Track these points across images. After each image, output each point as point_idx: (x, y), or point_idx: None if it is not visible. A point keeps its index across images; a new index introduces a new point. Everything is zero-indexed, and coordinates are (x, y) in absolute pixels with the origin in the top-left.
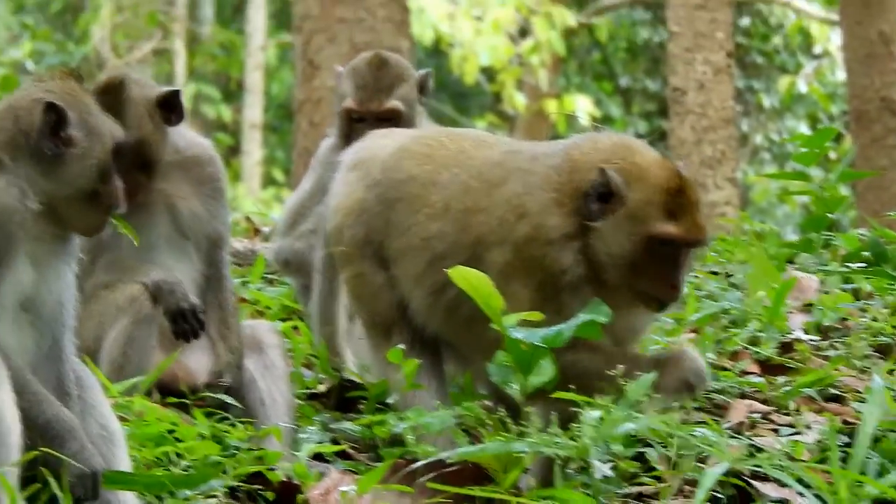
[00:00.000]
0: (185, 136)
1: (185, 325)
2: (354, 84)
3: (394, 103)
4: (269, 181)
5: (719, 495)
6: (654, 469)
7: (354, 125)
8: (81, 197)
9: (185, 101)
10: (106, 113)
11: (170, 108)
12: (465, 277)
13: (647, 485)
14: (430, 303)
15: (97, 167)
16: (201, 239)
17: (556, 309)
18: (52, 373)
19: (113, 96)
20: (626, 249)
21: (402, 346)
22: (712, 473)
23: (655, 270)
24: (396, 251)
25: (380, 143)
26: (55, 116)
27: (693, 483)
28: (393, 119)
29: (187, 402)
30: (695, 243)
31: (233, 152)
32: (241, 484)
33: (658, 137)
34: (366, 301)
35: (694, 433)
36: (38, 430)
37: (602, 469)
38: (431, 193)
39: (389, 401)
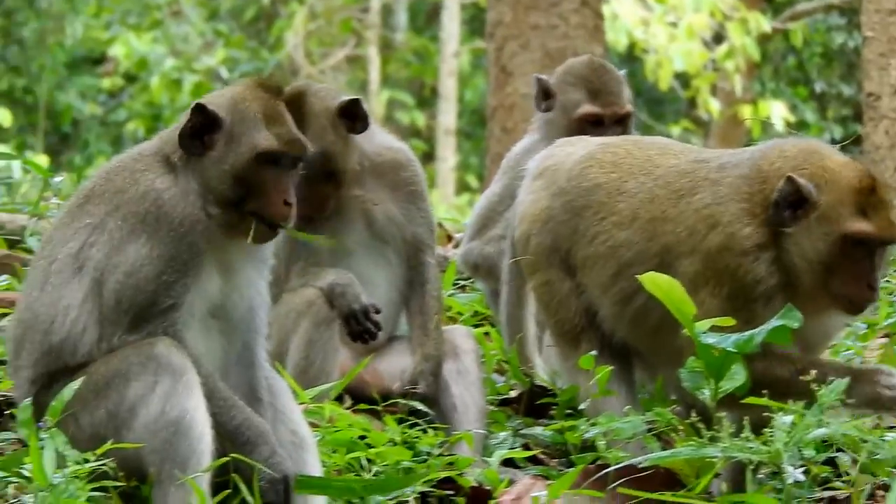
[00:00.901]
0: (378, 142)
1: (357, 327)
2: (587, 89)
3: (629, 107)
4: (463, 187)
5: None
6: (845, 474)
7: (589, 130)
8: (226, 203)
9: (376, 107)
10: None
11: (352, 116)
12: (657, 283)
13: (838, 489)
14: (618, 310)
15: (231, 175)
16: (399, 243)
17: (747, 318)
18: (244, 378)
19: (293, 109)
20: (822, 252)
21: (592, 353)
22: None
23: (851, 272)
24: (583, 259)
25: (566, 150)
26: (202, 118)
27: (884, 488)
28: (625, 122)
29: (376, 408)
30: (889, 240)
31: (427, 158)
32: (432, 489)
33: (853, 142)
34: (554, 308)
35: (885, 437)
36: (228, 435)
37: (794, 474)
38: (618, 202)
39: (580, 407)
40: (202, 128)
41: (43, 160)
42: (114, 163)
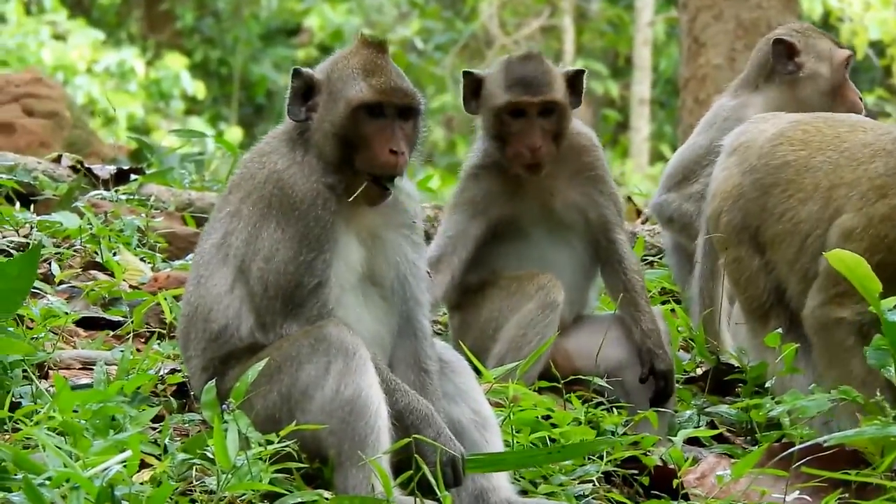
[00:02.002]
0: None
1: None
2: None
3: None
4: (657, 156)
5: None
6: None
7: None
8: (337, 165)
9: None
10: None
11: (573, 87)
12: (842, 260)
13: None
14: (805, 287)
15: (333, 133)
16: (582, 227)
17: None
18: (409, 349)
19: (535, 63)
20: None
21: (779, 331)
22: None
23: None
24: (772, 236)
25: (760, 127)
26: (302, 83)
27: None
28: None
29: (559, 385)
30: None
31: (621, 128)
32: (616, 469)
33: None
34: (743, 285)
35: None
36: (392, 418)
37: None
38: (804, 178)
39: (766, 385)
40: (305, 93)
41: (236, 132)
42: (254, 148)
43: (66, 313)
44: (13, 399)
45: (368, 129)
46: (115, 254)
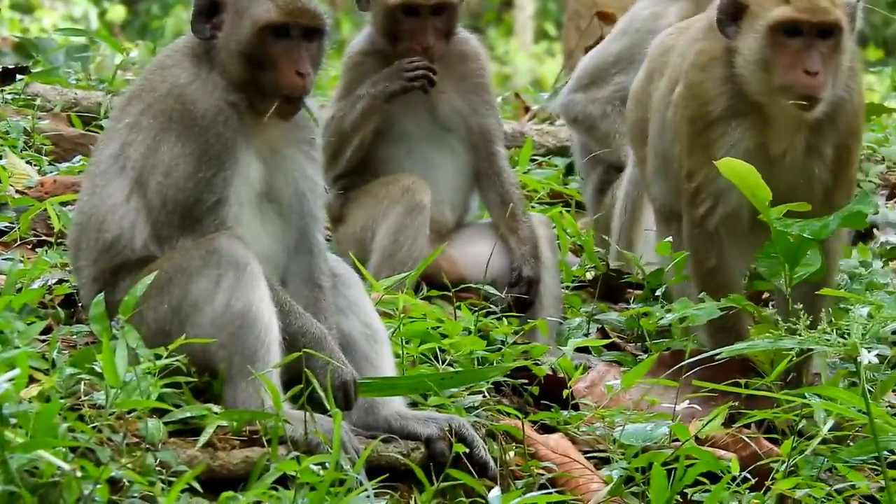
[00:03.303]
0: None
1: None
2: None
3: None
4: (541, 35)
5: None
6: None
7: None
8: (242, 85)
9: None
10: None
11: None
12: (732, 168)
13: None
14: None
15: (238, 53)
16: (464, 132)
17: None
18: (303, 265)
19: None
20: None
21: (669, 239)
22: None
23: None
24: (650, 127)
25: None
26: (206, 0)
27: None
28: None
29: (449, 294)
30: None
31: (505, 6)
32: (506, 379)
33: None
34: (647, 185)
35: None
36: (285, 342)
37: (868, 356)
38: (668, 58)
39: (657, 293)
40: (210, 9)
41: (119, 11)
42: (155, 59)
43: None
44: None
45: (274, 50)
46: (0, 157)
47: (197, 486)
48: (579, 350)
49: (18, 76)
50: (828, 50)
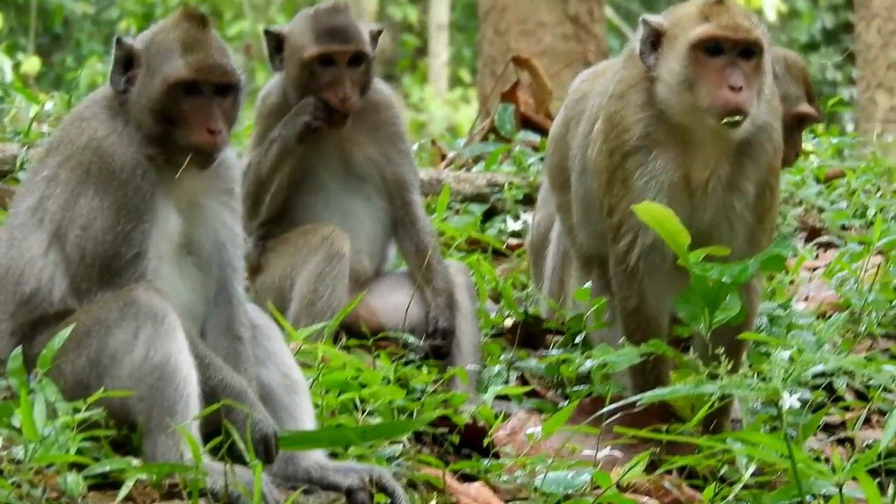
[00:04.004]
0: None
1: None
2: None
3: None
4: (455, 82)
5: None
6: (841, 399)
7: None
8: (156, 140)
9: (368, 3)
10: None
11: (373, 43)
12: (650, 211)
13: (834, 415)
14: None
15: (150, 109)
16: (379, 181)
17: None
18: (223, 316)
19: (343, 14)
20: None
21: (588, 284)
22: None
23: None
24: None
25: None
26: (123, 53)
27: (880, 412)
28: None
29: (366, 343)
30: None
31: (420, 53)
32: (426, 428)
33: (844, 30)
34: (567, 231)
35: (882, 367)
36: (204, 395)
37: (790, 401)
38: (585, 105)
39: (576, 340)
40: (126, 63)
41: (34, 62)
42: (73, 111)
43: None
44: None
45: (185, 107)
46: None
47: None
48: (499, 398)
49: None
50: (750, 70)
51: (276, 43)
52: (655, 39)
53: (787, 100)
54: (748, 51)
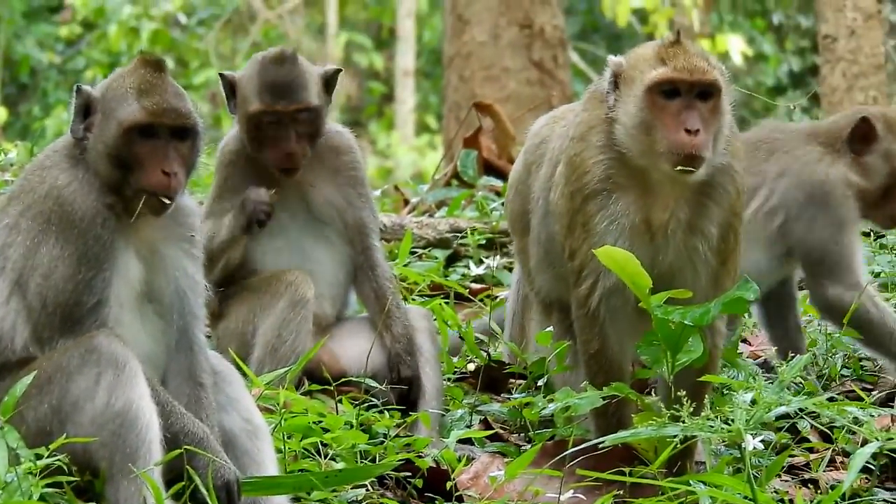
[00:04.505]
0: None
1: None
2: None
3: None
4: (422, 128)
5: (871, 466)
6: (805, 440)
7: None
8: (113, 185)
9: (334, 50)
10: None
11: (328, 87)
12: (611, 256)
13: (797, 456)
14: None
15: (106, 154)
16: (340, 225)
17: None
18: (184, 363)
19: (288, 66)
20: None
21: (550, 329)
22: (863, 453)
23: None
24: (532, 217)
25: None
26: (82, 100)
27: (844, 454)
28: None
29: (330, 388)
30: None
31: (386, 100)
32: (389, 472)
33: (811, 73)
34: (527, 275)
35: (846, 409)
36: (166, 442)
37: (753, 442)
38: (545, 148)
39: (539, 383)
40: (84, 111)
41: (1, 112)
42: (34, 160)
43: None
44: None
45: (141, 150)
46: None
47: None
48: (462, 441)
49: None
50: (707, 112)
51: (230, 87)
52: (615, 80)
53: (889, 157)
54: (706, 92)
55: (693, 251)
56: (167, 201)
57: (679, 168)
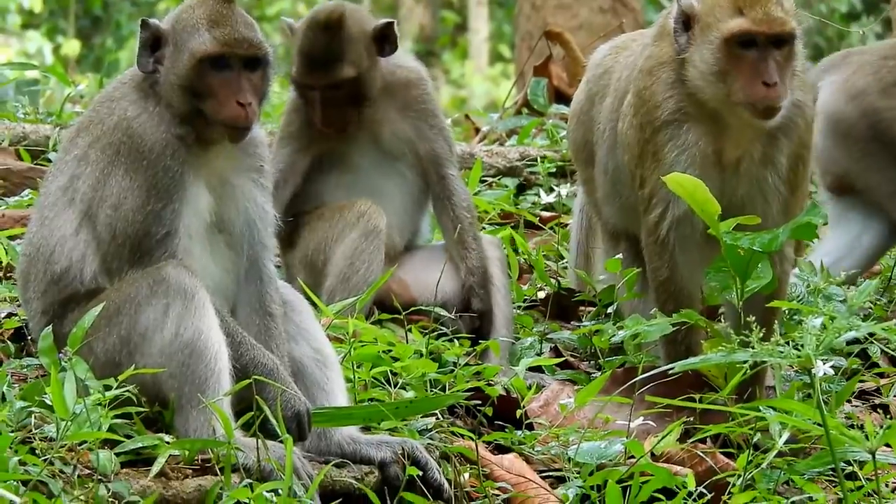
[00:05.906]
0: (393, 60)
1: None
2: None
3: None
4: (496, 57)
5: None
6: (875, 365)
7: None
8: (186, 117)
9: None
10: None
11: (384, 39)
12: (680, 183)
13: (868, 382)
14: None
15: (179, 86)
16: (412, 158)
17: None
18: (254, 294)
19: (329, 35)
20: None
21: (619, 256)
22: None
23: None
24: (597, 148)
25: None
26: (149, 34)
27: None
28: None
29: (399, 316)
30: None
31: (459, 29)
32: (459, 401)
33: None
34: (594, 205)
35: None
36: (236, 372)
37: (823, 368)
38: (610, 79)
39: (609, 310)
40: (153, 44)
41: (74, 45)
42: (103, 91)
43: None
44: None
45: (213, 82)
46: None
47: None
48: (532, 370)
49: None
50: (782, 59)
51: (291, 35)
52: (686, 21)
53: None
54: (781, 41)
55: (763, 182)
56: (244, 131)
57: (756, 118)
